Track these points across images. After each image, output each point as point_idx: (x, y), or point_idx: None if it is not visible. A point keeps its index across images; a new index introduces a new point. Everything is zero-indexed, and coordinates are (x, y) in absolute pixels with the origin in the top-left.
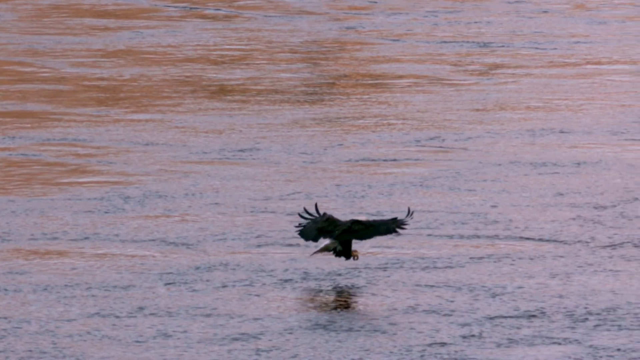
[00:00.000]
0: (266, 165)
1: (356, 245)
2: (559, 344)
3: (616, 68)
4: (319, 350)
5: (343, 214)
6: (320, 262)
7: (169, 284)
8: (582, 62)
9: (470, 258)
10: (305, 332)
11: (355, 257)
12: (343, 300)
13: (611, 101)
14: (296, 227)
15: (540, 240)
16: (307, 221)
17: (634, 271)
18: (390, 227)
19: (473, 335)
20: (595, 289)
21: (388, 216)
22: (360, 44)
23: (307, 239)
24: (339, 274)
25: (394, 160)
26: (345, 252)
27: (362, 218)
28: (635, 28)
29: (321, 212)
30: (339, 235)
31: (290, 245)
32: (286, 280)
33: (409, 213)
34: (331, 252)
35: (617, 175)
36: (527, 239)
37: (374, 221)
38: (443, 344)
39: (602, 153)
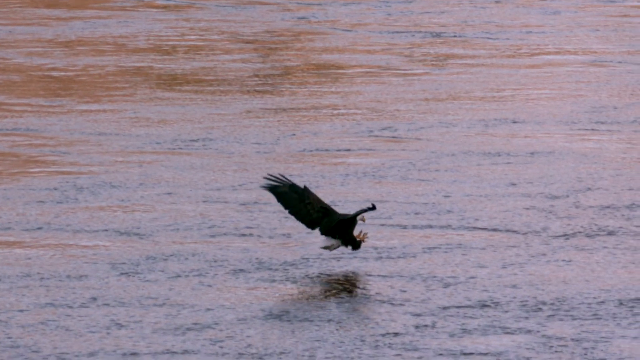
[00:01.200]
0: (219, 156)
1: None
2: (512, 333)
3: (568, 58)
4: (272, 340)
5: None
6: (273, 252)
7: (122, 274)
8: (535, 52)
9: (423, 248)
10: (258, 322)
11: (364, 240)
12: (297, 291)
13: (563, 91)
14: (263, 185)
15: (493, 230)
16: (281, 183)
17: (586, 261)
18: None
19: (426, 325)
20: (548, 279)
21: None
22: (312, 34)
23: (290, 209)
24: (293, 264)
25: (348, 150)
26: (350, 241)
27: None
28: (588, 18)
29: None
30: (325, 232)
31: (243, 235)
32: (240, 271)
33: (372, 207)
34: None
35: (570, 165)
36: (480, 229)
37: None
38: (396, 334)
39: (554, 143)
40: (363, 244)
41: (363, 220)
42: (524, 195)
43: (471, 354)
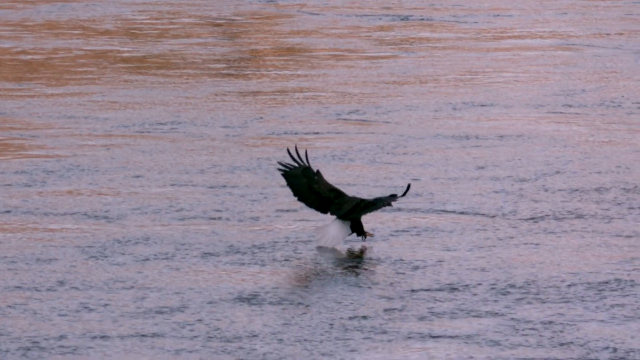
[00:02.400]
0: (187, 139)
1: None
2: (481, 317)
3: (536, 42)
4: (241, 324)
5: (273, 186)
6: (242, 236)
7: (90, 257)
8: (502, 35)
9: (392, 231)
10: (227, 305)
11: (370, 235)
12: (265, 274)
13: (531, 75)
14: (280, 168)
15: (462, 213)
16: (293, 167)
17: (555, 244)
18: (386, 201)
19: (395, 309)
20: (516, 262)
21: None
22: (280, 17)
23: (299, 196)
24: (262, 247)
25: (316, 133)
26: (357, 228)
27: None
28: (555, 1)
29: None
30: (343, 215)
31: (212, 218)
32: (208, 254)
33: (407, 189)
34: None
35: (538, 148)
36: (449, 212)
37: (375, 199)
38: (365, 317)
39: (523, 127)
40: (365, 238)
41: (371, 235)
42: (492, 179)
43: (440, 337)
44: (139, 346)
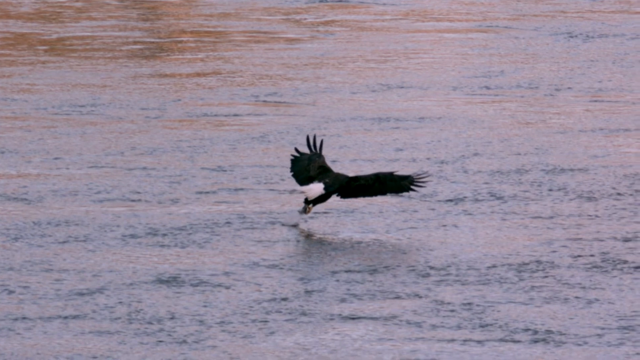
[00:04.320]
0: (107, 121)
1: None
2: (402, 298)
3: (454, 24)
4: (162, 306)
5: (192, 168)
6: (162, 218)
7: (10, 239)
8: (422, 18)
9: (313, 213)
10: (148, 287)
11: (309, 211)
12: (185, 256)
13: (451, 57)
14: (293, 154)
15: (382, 195)
16: (305, 153)
17: (475, 226)
18: (402, 184)
19: (315, 290)
20: (436, 244)
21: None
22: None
23: (293, 172)
24: (182, 229)
25: (235, 115)
26: (318, 199)
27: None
28: None
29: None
30: (334, 191)
31: (132, 200)
32: (129, 236)
33: (423, 173)
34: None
35: (458, 130)
36: None
37: (381, 176)
38: (285, 299)
39: (442, 108)
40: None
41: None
42: (411, 161)
43: (360, 318)
44: (60, 328)
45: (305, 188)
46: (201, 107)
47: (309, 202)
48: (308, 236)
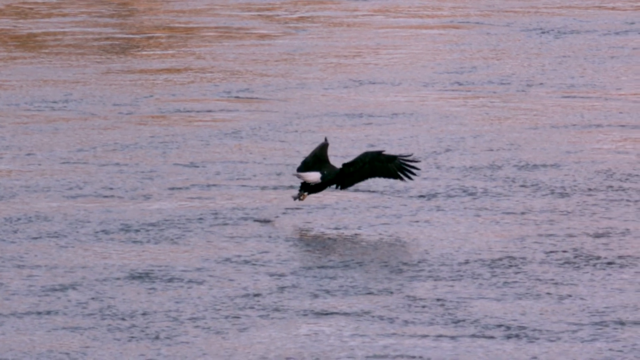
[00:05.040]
0: (79, 117)
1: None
2: (374, 294)
3: (426, 20)
4: (136, 302)
5: (165, 164)
6: (135, 213)
7: None
8: (394, 14)
9: (285, 209)
10: (120, 282)
11: (302, 198)
12: (159, 251)
13: (422, 53)
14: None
15: (355, 191)
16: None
17: (447, 222)
18: (389, 167)
19: (287, 286)
20: (408, 240)
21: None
22: None
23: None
24: (154, 225)
25: (208, 111)
26: (315, 187)
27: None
28: None
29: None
30: (331, 180)
31: (105, 196)
32: (101, 232)
33: (408, 155)
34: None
35: (430, 126)
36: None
37: (369, 156)
38: (257, 295)
39: (414, 104)
40: (300, 202)
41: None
42: None
43: (333, 314)
44: (32, 324)
45: (303, 173)
46: (173, 103)
47: (305, 190)
48: (281, 232)
